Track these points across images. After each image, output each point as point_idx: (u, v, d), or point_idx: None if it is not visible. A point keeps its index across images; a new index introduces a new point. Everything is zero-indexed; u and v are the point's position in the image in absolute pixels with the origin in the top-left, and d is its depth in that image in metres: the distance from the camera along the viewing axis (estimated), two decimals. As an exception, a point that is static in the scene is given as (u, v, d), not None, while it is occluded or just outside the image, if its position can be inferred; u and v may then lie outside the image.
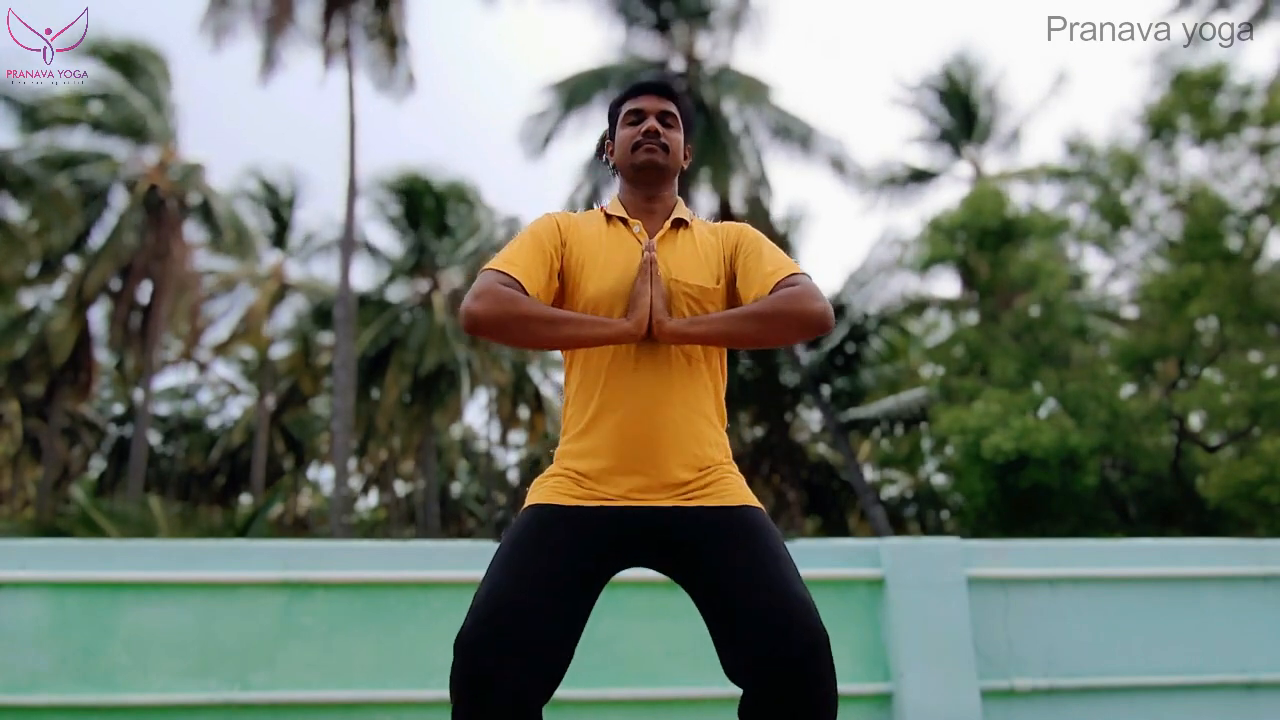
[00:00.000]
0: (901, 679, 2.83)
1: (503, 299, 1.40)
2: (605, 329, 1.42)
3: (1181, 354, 12.94)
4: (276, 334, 24.29)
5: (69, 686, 2.82)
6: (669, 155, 1.61)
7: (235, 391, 29.31)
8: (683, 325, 1.43)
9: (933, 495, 21.33)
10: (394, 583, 2.97)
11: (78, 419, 25.43)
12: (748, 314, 1.44)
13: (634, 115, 1.63)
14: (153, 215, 18.57)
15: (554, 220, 1.61)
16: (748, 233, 1.63)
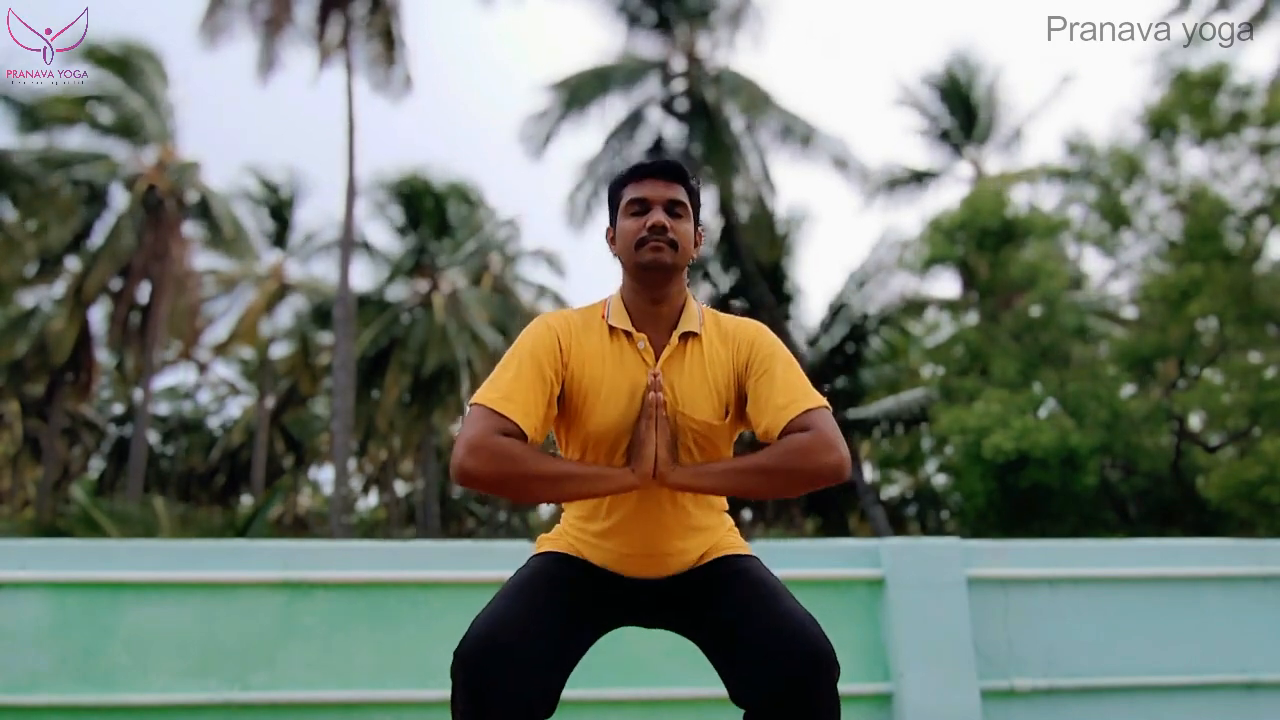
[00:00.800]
0: (901, 679, 2.83)
1: (500, 456, 1.31)
2: (609, 483, 1.37)
3: (1181, 354, 12.95)
4: (276, 334, 24.30)
5: (69, 686, 2.82)
6: (678, 253, 1.46)
7: (235, 391, 29.34)
8: (687, 477, 1.37)
9: (933, 495, 21.35)
10: (394, 583, 2.97)
11: (78, 419, 25.44)
12: (755, 468, 1.36)
13: (637, 205, 1.48)
14: (151, 215, 18.57)
15: (553, 335, 1.46)
16: (760, 346, 1.50)
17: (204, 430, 29.36)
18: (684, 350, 1.48)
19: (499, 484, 1.31)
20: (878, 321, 18.79)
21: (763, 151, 17.31)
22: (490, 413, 1.35)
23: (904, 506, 23.09)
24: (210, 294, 23.12)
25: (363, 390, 20.99)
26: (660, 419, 1.36)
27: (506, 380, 1.39)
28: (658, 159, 1.51)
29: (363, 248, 21.35)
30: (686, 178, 1.51)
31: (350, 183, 15.72)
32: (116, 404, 28.01)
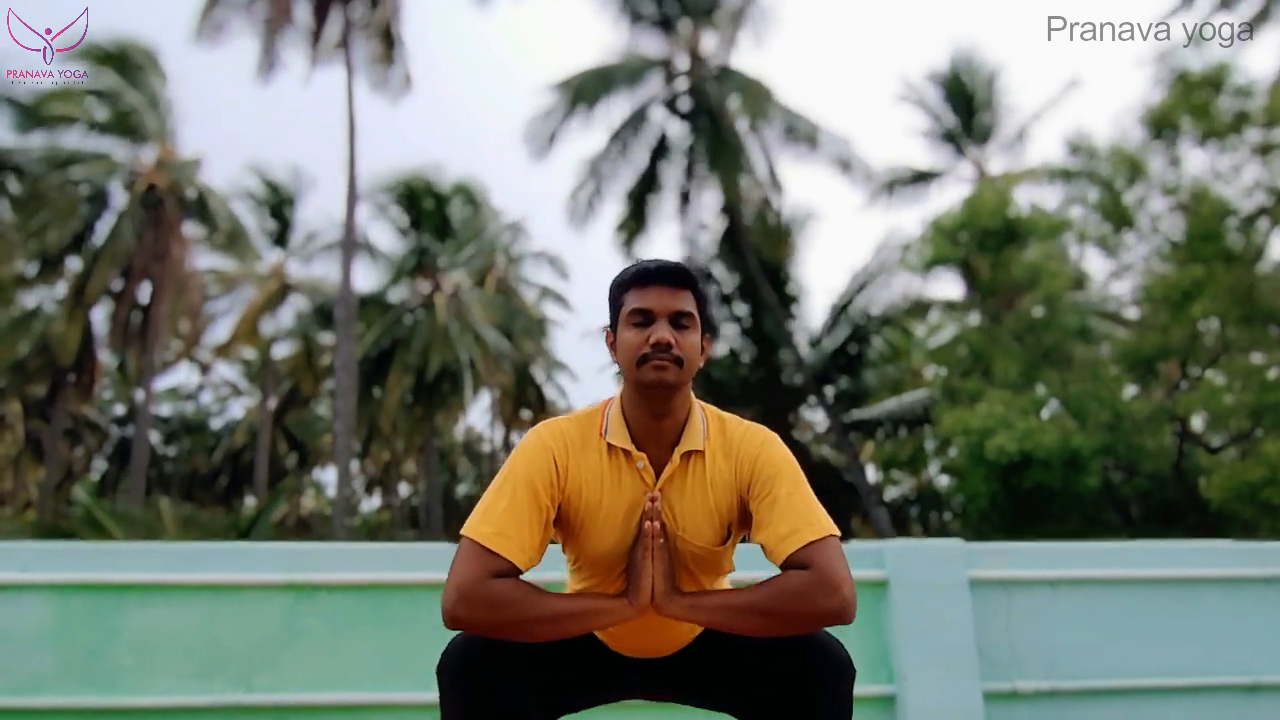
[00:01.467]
0: (905, 681, 2.83)
1: (495, 604, 1.25)
2: (608, 617, 1.32)
3: (1184, 355, 12.94)
4: (278, 334, 24.33)
5: (73, 688, 2.82)
6: (683, 370, 1.37)
7: (237, 392, 29.41)
8: (683, 610, 1.32)
9: (935, 496, 21.34)
10: (398, 584, 2.98)
11: (80, 420, 25.49)
12: (753, 608, 1.29)
13: (640, 316, 1.38)
14: (151, 214, 18.58)
15: (549, 457, 1.39)
16: (764, 466, 1.41)
17: (206, 431, 29.42)
18: (686, 469, 1.42)
19: (494, 630, 1.27)
20: (880, 322, 18.80)
21: (767, 151, 17.29)
22: (482, 551, 1.29)
23: (907, 507, 23.08)
24: (211, 294, 23.15)
25: (365, 391, 21.02)
26: (657, 548, 1.32)
27: (500, 511, 1.33)
28: (663, 263, 1.40)
29: (365, 248, 21.38)
30: (694, 282, 1.41)
31: (351, 182, 15.75)
32: (118, 405, 28.07)
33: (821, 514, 1.38)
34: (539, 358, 26.90)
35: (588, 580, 1.47)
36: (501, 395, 25.76)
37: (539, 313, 26.82)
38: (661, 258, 1.43)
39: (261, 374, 25.41)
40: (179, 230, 19.08)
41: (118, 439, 27.53)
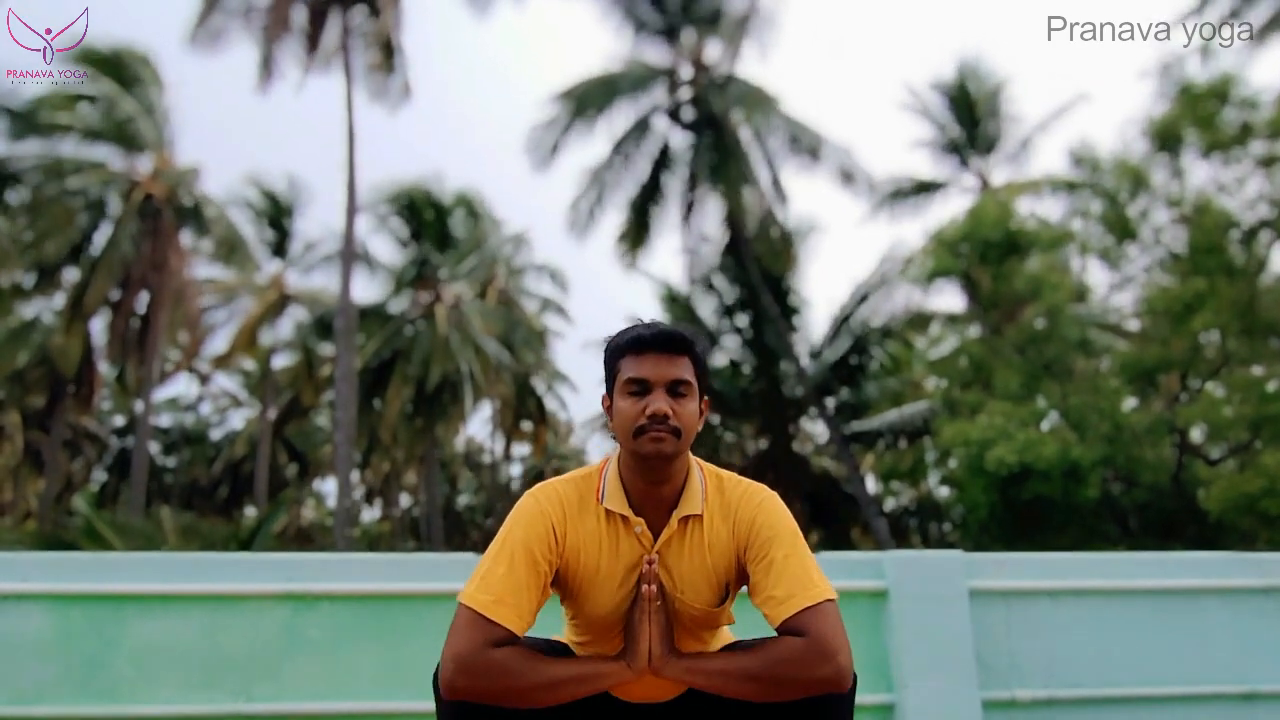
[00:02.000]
0: (904, 690, 2.84)
1: (493, 673, 1.26)
2: (606, 680, 1.32)
3: (1184, 367, 12.97)
4: (277, 345, 24.36)
5: (74, 698, 2.83)
6: (680, 440, 1.37)
7: (237, 403, 29.43)
8: (680, 672, 1.32)
9: (935, 507, 21.32)
10: (399, 595, 2.99)
11: (79, 431, 25.50)
12: (749, 675, 1.28)
13: (636, 385, 1.37)
14: (149, 224, 18.59)
15: (547, 523, 1.39)
16: (760, 529, 1.40)
17: (206, 442, 29.42)
18: (684, 533, 1.41)
19: (493, 699, 1.27)
20: (881, 334, 18.83)
21: (771, 161, 17.32)
22: (481, 620, 1.30)
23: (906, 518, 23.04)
24: (210, 304, 23.18)
25: (365, 402, 21.03)
26: (654, 611, 1.33)
27: (498, 578, 1.34)
28: (659, 328, 1.38)
29: (364, 259, 21.42)
30: (691, 347, 1.40)
31: (350, 192, 15.78)
32: (118, 415, 28.08)
33: (819, 577, 1.37)
34: (539, 369, 26.93)
35: (584, 636, 1.48)
36: (502, 406, 25.78)
37: (540, 324, 26.87)
38: (658, 322, 1.41)
39: (261, 385, 25.44)
40: (176, 240, 19.10)
41: (117, 450, 27.53)
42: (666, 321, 1.50)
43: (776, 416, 19.22)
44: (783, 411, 19.26)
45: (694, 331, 1.44)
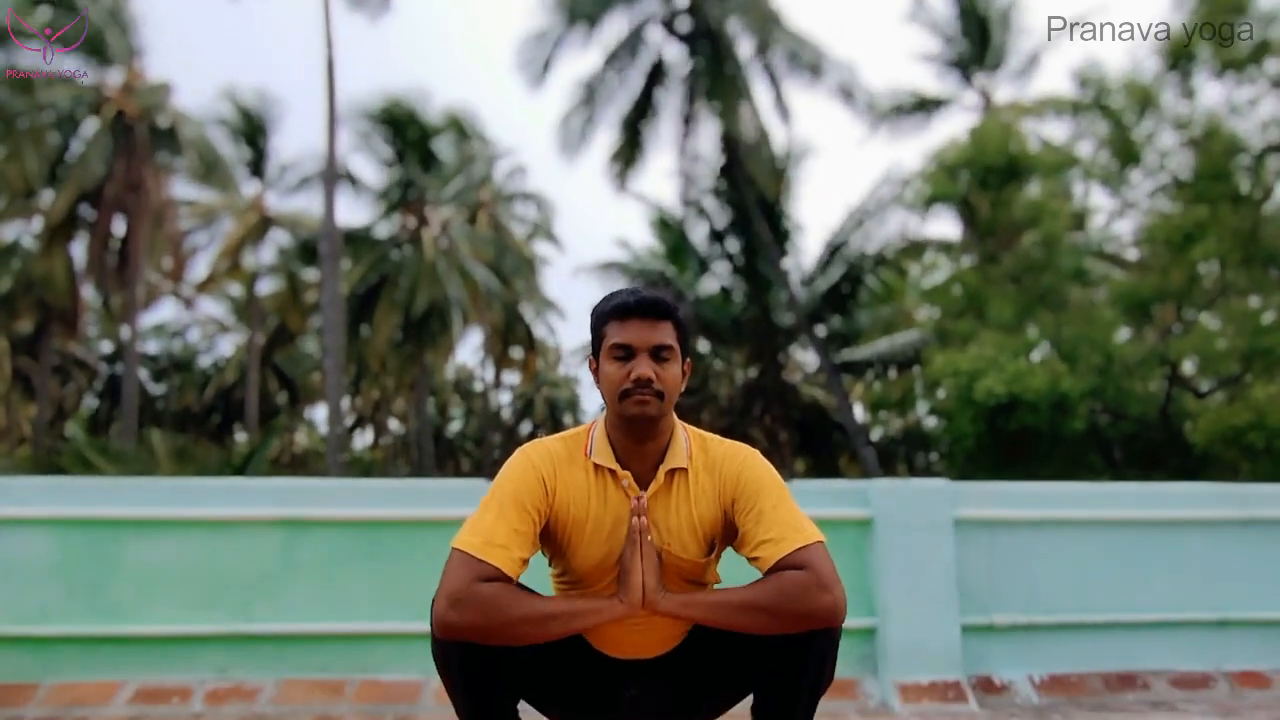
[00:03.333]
0: (886, 615, 2.93)
1: (483, 605, 1.27)
2: (598, 616, 1.33)
3: (1180, 298, 12.96)
4: (261, 270, 24.02)
5: (79, 618, 2.89)
6: (664, 402, 1.40)
7: (224, 329, 29.23)
8: (676, 606, 1.34)
9: (923, 437, 21.65)
10: (390, 520, 3.03)
11: (68, 357, 25.36)
12: (747, 605, 1.30)
13: (621, 350, 1.40)
14: (122, 142, 18.02)
15: (537, 474, 1.42)
16: (747, 484, 1.44)
17: (195, 369, 29.35)
18: (670, 487, 1.45)
19: (484, 633, 1.28)
20: (875, 261, 18.71)
21: (769, 76, 16.75)
22: (470, 559, 1.31)
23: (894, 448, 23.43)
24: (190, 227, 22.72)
25: (353, 328, 20.92)
26: (646, 546, 1.34)
27: (488, 523, 1.36)
28: (643, 294, 1.41)
29: (347, 180, 20.91)
30: (673, 312, 1.43)
31: (330, 108, 15.22)
32: (105, 342, 27.91)
33: (808, 523, 1.40)
34: (528, 296, 26.77)
35: (579, 592, 1.49)
36: (491, 333, 25.72)
37: (529, 251, 26.55)
38: (641, 289, 1.43)
39: (248, 310, 25.22)
40: (152, 159, 18.54)
41: (107, 376, 27.45)
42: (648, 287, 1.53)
43: (766, 345, 19.28)
44: (773, 340, 19.31)
45: (676, 297, 1.47)
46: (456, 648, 1.33)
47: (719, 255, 19.44)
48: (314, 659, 2.89)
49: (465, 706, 1.39)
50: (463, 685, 1.36)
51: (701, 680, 1.48)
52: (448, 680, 1.38)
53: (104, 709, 2.70)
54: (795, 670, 1.35)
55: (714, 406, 20.29)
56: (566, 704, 1.51)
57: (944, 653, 2.88)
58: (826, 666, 1.38)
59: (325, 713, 2.68)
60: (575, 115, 17.03)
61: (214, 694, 2.77)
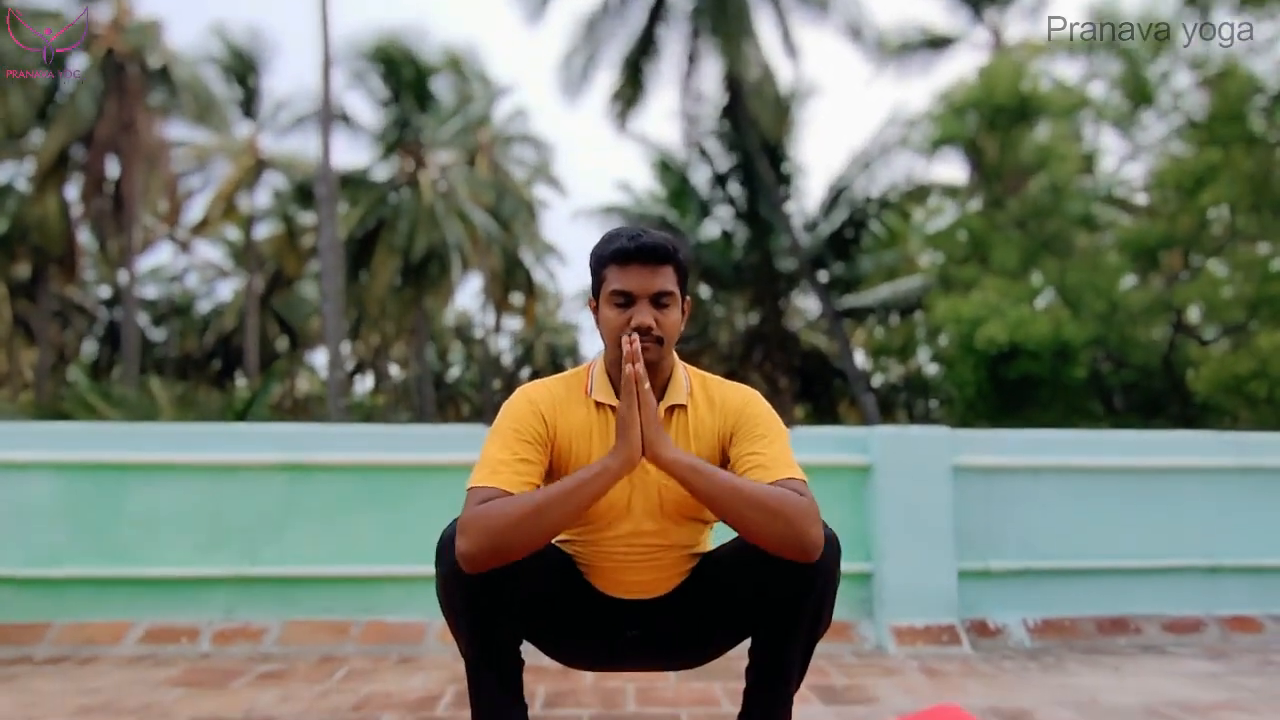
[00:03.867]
0: (883, 559, 2.96)
1: (485, 523, 1.24)
2: (595, 483, 1.27)
3: (1188, 244, 12.83)
4: (257, 214, 23.74)
5: (88, 560, 2.93)
6: (664, 347, 1.38)
7: (222, 274, 29.05)
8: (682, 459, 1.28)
9: (923, 384, 21.72)
10: (392, 466, 3.05)
11: (67, 302, 25.28)
12: (755, 499, 1.24)
13: (621, 297, 1.37)
14: (113, 81, 17.61)
15: (537, 410, 1.41)
16: (747, 417, 1.42)
17: (195, 314, 29.28)
18: (670, 423, 1.44)
19: (496, 551, 1.24)
20: (879, 205, 18.46)
21: (775, 11, 16.17)
22: (475, 490, 1.31)
23: (894, 394, 23.52)
24: (184, 169, 22.36)
25: (351, 273, 20.78)
26: (644, 394, 1.27)
27: (492, 456, 1.35)
28: (643, 239, 1.37)
29: (342, 121, 20.49)
30: (674, 256, 1.39)
31: (325, 45, 14.79)
32: (104, 286, 27.77)
33: (799, 471, 1.36)
34: (528, 240, 26.51)
35: (578, 531, 1.48)
36: (491, 278, 25.56)
37: (528, 194, 26.19)
38: (641, 232, 1.39)
39: (245, 255, 25.01)
40: (142, 99, 18.14)
41: (106, 322, 27.40)
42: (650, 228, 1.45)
43: (768, 290, 19.17)
44: (774, 285, 19.19)
45: (675, 240, 1.43)
46: (460, 590, 1.34)
47: (721, 199, 19.19)
48: (319, 601, 2.94)
49: (470, 647, 1.40)
50: (466, 626, 1.37)
51: (701, 621, 1.49)
52: (452, 621, 1.40)
53: (114, 648, 2.75)
54: (794, 613, 1.36)
55: (714, 352, 20.29)
56: (568, 645, 1.53)
57: (940, 597, 2.92)
58: (825, 610, 1.38)
59: (331, 653, 2.74)
60: (576, 54, 16.59)
61: (221, 634, 2.82)
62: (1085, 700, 2.15)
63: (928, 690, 2.27)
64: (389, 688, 2.29)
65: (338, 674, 2.45)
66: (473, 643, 1.39)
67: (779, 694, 1.43)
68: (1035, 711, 2.04)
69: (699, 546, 1.52)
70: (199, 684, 2.33)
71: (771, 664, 1.41)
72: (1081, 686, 2.31)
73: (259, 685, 2.31)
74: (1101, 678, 2.42)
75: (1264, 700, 2.15)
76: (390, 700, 2.15)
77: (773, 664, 1.41)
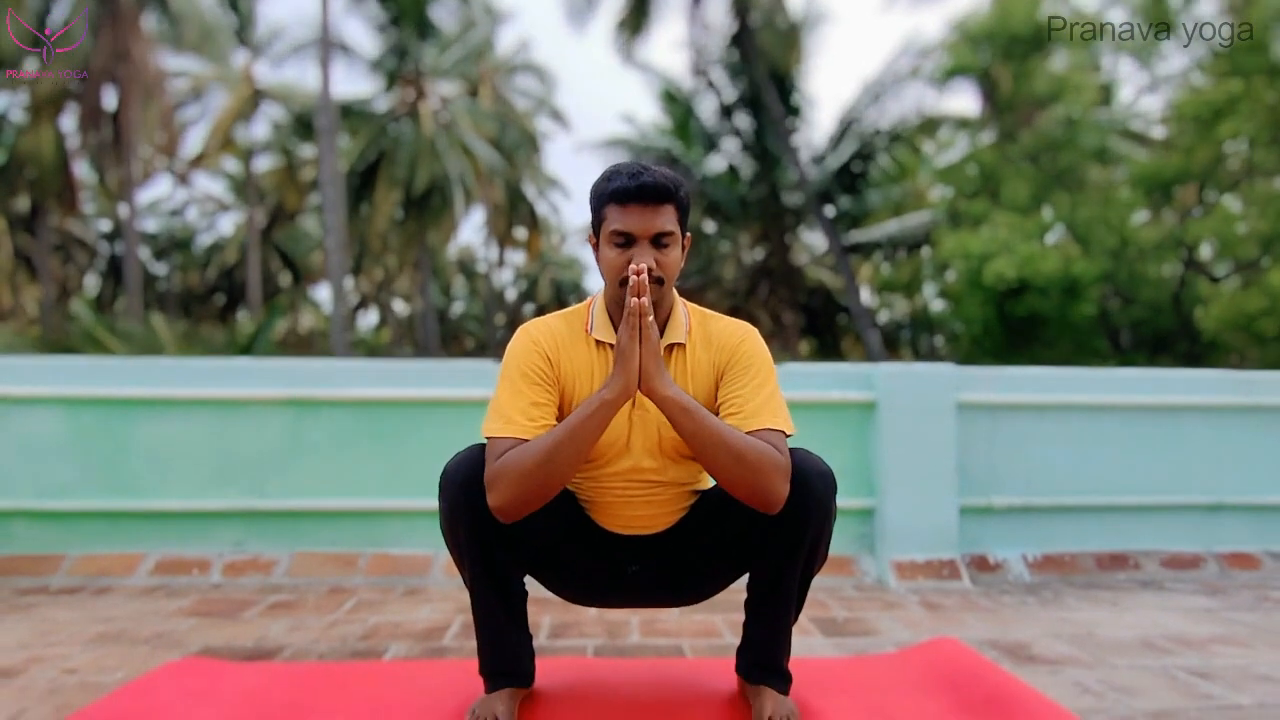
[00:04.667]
0: (885, 496, 2.98)
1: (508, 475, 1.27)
2: (594, 417, 1.27)
3: (1203, 179, 12.57)
4: (256, 146, 23.31)
5: (97, 494, 2.97)
6: (664, 287, 1.38)
7: (223, 207, 28.72)
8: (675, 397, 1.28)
9: (928, 320, 21.62)
10: (397, 401, 3.05)
11: (67, 236, 25.10)
12: (735, 447, 1.26)
13: (621, 237, 1.36)
14: (107, 7, 17.08)
15: (540, 350, 1.41)
16: (741, 356, 1.43)
17: (197, 248, 29.07)
18: (669, 361, 1.44)
19: (520, 498, 1.28)
20: (889, 138, 18.03)
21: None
22: (496, 442, 1.33)
23: (899, 331, 23.45)
24: (180, 99, 21.86)
25: (353, 207, 20.53)
26: (646, 328, 1.27)
27: (504, 402, 1.36)
28: (644, 178, 1.34)
29: (340, 49, 19.91)
30: (675, 194, 1.37)
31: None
32: (104, 220, 27.51)
33: (785, 412, 1.38)
34: (531, 174, 26.07)
35: (585, 470, 1.49)
36: (494, 212, 25.23)
37: (531, 126, 25.62)
38: (642, 169, 1.36)
39: (245, 188, 24.68)
40: (138, 27, 17.63)
41: (108, 256, 27.24)
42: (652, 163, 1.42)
43: (774, 225, 18.91)
44: (780, 220, 18.91)
45: (676, 177, 1.40)
46: (463, 522, 1.37)
47: (727, 131, 18.75)
48: (326, 534, 2.98)
49: (473, 578, 1.43)
50: (470, 557, 1.40)
51: (701, 556, 1.51)
52: (456, 553, 1.43)
53: (127, 579, 2.81)
54: (791, 548, 1.38)
55: (719, 288, 20.15)
56: (570, 580, 1.55)
57: (941, 532, 2.95)
58: (821, 545, 1.42)
59: (339, 584, 2.79)
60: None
61: (232, 566, 2.87)
62: (1082, 634, 2.18)
63: (927, 623, 2.31)
64: (396, 618, 2.33)
65: (346, 605, 2.50)
66: (476, 573, 1.42)
67: (778, 625, 1.47)
68: (1032, 644, 2.07)
69: (697, 484, 1.53)
70: (211, 614, 2.38)
71: (769, 597, 1.45)
72: (1079, 620, 2.34)
73: (270, 615, 2.36)
74: (1099, 612, 2.46)
75: (1258, 635, 2.18)
76: (398, 630, 2.19)
77: (770, 597, 1.45)
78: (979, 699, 1.53)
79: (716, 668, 1.78)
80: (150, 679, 1.67)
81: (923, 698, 1.58)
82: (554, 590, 1.57)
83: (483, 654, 1.48)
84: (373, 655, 1.95)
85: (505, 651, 1.48)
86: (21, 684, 1.71)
